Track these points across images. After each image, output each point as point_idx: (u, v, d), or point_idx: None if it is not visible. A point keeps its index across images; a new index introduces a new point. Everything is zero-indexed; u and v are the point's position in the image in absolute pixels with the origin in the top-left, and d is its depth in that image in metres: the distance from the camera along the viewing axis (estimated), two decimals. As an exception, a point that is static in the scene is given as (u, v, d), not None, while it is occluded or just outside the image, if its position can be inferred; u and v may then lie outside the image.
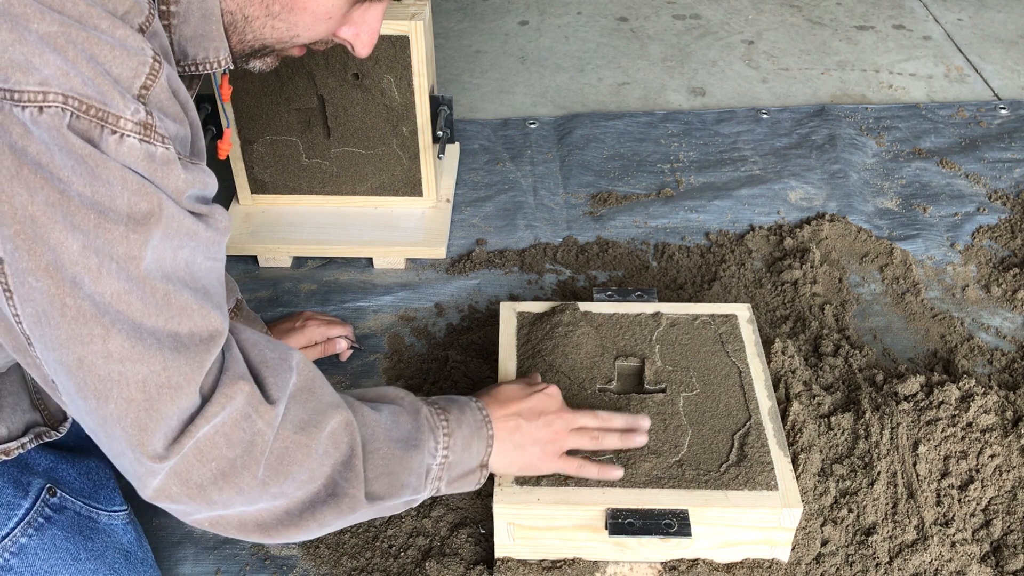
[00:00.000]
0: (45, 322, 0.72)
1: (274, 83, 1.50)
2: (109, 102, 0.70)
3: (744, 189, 1.80)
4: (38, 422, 1.03)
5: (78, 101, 0.68)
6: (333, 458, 0.87)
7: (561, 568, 1.11)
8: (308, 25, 0.85)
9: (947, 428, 1.25)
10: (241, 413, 0.80)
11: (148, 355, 0.74)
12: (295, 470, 0.84)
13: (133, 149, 0.71)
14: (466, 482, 1.03)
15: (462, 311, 1.54)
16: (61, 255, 0.70)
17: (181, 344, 0.76)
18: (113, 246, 0.71)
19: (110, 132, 0.70)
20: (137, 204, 0.72)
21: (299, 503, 0.86)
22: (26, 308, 0.72)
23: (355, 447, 0.89)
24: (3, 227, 0.68)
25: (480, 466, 1.03)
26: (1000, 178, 1.83)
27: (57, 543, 1.00)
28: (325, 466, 0.86)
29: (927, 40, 2.35)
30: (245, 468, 0.80)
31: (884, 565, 1.14)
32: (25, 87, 0.67)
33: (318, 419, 0.86)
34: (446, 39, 2.35)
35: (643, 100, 2.12)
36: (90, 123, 0.69)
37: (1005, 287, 1.57)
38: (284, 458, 0.83)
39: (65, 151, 0.68)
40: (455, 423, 1.00)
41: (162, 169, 0.73)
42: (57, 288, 0.70)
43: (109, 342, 0.72)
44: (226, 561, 1.17)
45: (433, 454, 0.97)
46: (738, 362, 1.23)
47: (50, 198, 0.68)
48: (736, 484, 1.08)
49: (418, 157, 1.58)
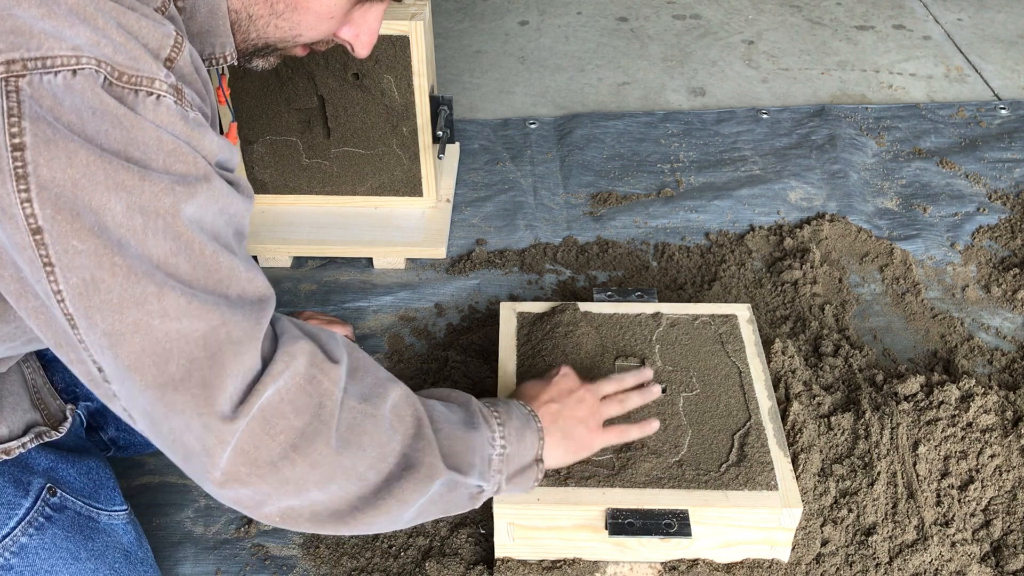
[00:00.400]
0: (93, 289, 0.69)
1: (274, 83, 1.50)
2: (142, 67, 0.70)
3: (744, 189, 1.80)
4: (38, 422, 1.03)
5: (110, 67, 0.68)
6: (400, 431, 0.85)
7: (561, 568, 1.11)
8: (310, 25, 0.86)
9: (947, 428, 1.25)
10: (305, 375, 0.77)
11: (205, 311, 0.71)
12: (366, 441, 0.81)
13: (170, 109, 0.71)
14: (524, 478, 1.00)
15: (462, 311, 1.54)
16: (104, 217, 0.67)
17: (234, 304, 0.74)
18: (158, 202, 0.69)
19: (146, 94, 0.69)
20: (174, 165, 0.71)
21: (374, 484, 0.83)
22: (70, 278, 0.68)
23: (421, 417, 0.87)
24: (43, 192, 0.66)
25: (536, 460, 1.01)
26: (1000, 178, 1.83)
27: (57, 543, 1.00)
28: (394, 441, 0.84)
29: (927, 40, 2.35)
30: (317, 435, 0.77)
31: (884, 565, 1.14)
32: (58, 52, 0.66)
33: (379, 391, 0.84)
34: (446, 39, 2.35)
35: (643, 100, 2.12)
36: (123, 89, 0.69)
37: (1005, 287, 1.57)
38: (353, 428, 0.81)
39: (100, 114, 0.67)
40: (505, 415, 0.98)
41: (197, 130, 0.73)
42: (104, 248, 0.68)
43: (164, 300, 0.70)
44: (226, 561, 1.17)
45: (492, 443, 0.95)
46: (738, 362, 1.23)
47: (89, 159, 0.67)
48: (736, 484, 1.08)
49: (418, 157, 1.58)
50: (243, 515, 1.22)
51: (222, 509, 1.23)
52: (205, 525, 1.21)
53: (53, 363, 1.12)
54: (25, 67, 0.66)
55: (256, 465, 0.76)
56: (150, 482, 1.27)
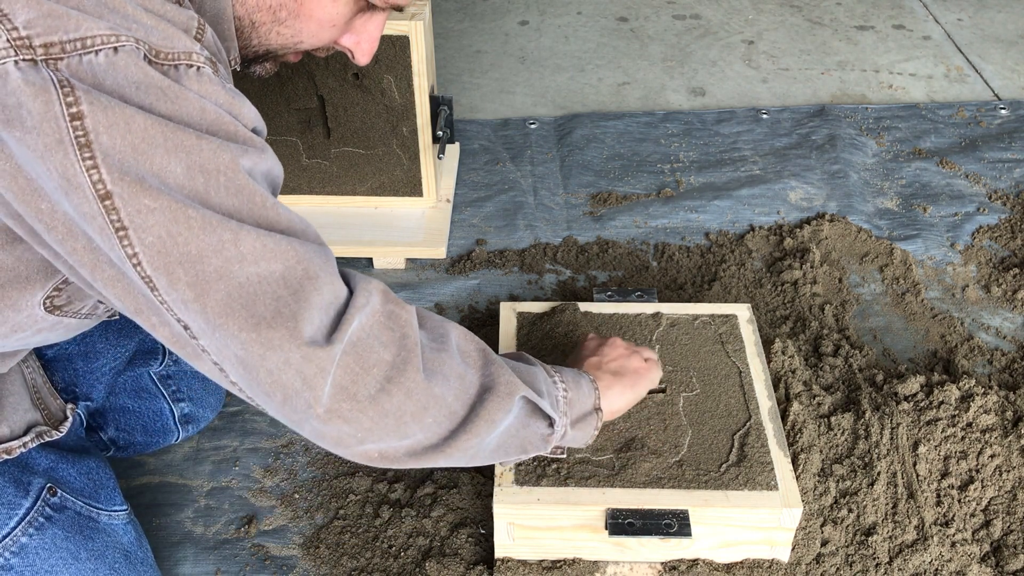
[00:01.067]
0: (172, 243, 0.70)
1: (274, 83, 1.50)
2: (177, 44, 0.72)
3: (744, 189, 1.80)
4: (39, 421, 1.04)
5: (148, 46, 0.70)
6: (471, 362, 0.89)
7: (561, 568, 1.11)
8: (312, 32, 0.87)
9: (947, 428, 1.25)
10: (383, 310, 0.81)
11: (280, 250, 0.74)
12: (447, 370, 0.86)
13: (211, 79, 0.73)
14: (586, 424, 1.02)
15: (462, 311, 1.54)
16: (168, 178, 0.70)
17: (301, 237, 0.77)
18: (217, 159, 0.71)
19: (186, 67, 0.72)
20: (221, 130, 0.73)
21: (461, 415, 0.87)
22: (145, 238, 0.70)
23: (484, 348, 0.91)
24: (107, 158, 0.67)
25: (595, 408, 1.03)
26: (1000, 178, 1.83)
27: (57, 543, 1.00)
28: (470, 372, 0.89)
29: (927, 40, 2.35)
30: (407, 364, 0.81)
31: (884, 565, 1.14)
32: (96, 32, 0.68)
33: (441, 332, 0.89)
34: (446, 39, 2.35)
35: (643, 100, 2.12)
36: (163, 66, 0.71)
37: (1005, 287, 1.57)
38: (434, 360, 0.85)
39: (145, 87, 0.69)
40: (559, 370, 1.02)
41: (237, 99, 0.75)
42: (176, 204, 0.70)
43: (241, 244, 0.72)
44: (226, 561, 1.17)
45: (555, 384, 0.99)
46: (738, 362, 1.23)
47: (147, 124, 0.68)
48: (736, 484, 1.08)
49: (418, 157, 1.58)
50: (244, 515, 1.22)
51: (222, 509, 1.23)
52: (205, 525, 1.21)
53: (53, 363, 1.12)
54: (63, 49, 0.67)
55: (356, 400, 0.79)
56: (150, 482, 1.27)
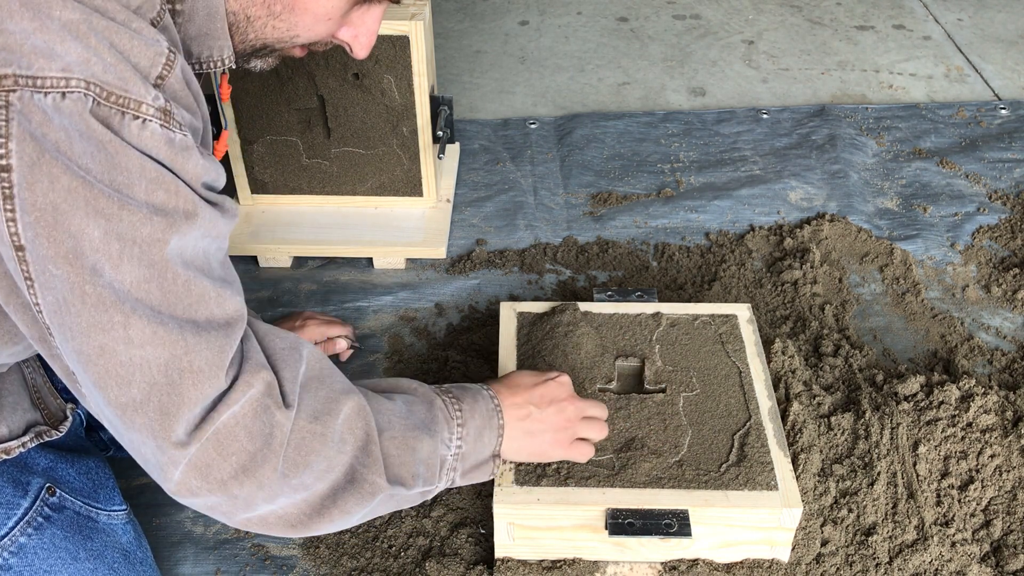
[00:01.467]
0: (65, 310, 0.72)
1: (274, 83, 1.50)
2: (131, 88, 0.71)
3: (744, 189, 1.80)
4: (38, 421, 1.03)
5: (99, 87, 0.69)
6: (350, 444, 0.88)
7: (561, 568, 1.11)
8: (308, 26, 0.86)
9: (947, 428, 1.25)
10: (260, 404, 0.80)
11: (170, 339, 0.74)
12: (313, 459, 0.84)
13: (155, 134, 0.72)
14: (479, 473, 1.03)
15: (462, 311, 1.54)
16: (82, 242, 0.70)
17: (201, 329, 0.76)
18: (136, 231, 0.72)
19: (132, 117, 0.71)
20: (155, 192, 0.72)
21: (320, 494, 0.86)
22: (46, 296, 0.72)
23: (371, 432, 0.90)
24: (24, 215, 0.69)
25: (492, 456, 1.04)
26: (1000, 178, 1.83)
27: (56, 542, 1.00)
28: (343, 453, 0.87)
29: (927, 40, 2.35)
30: (265, 461, 0.81)
31: (884, 565, 1.14)
32: (48, 73, 0.67)
33: (332, 407, 0.87)
34: (446, 39, 2.35)
35: (643, 100, 2.12)
36: (111, 110, 0.70)
37: (1005, 287, 1.57)
38: (302, 448, 0.84)
39: (86, 137, 0.69)
40: (468, 413, 1.01)
41: (182, 155, 0.74)
42: (77, 276, 0.71)
43: (130, 328, 0.73)
44: (226, 561, 1.17)
45: (448, 444, 0.98)
46: (738, 362, 1.23)
47: (71, 185, 0.69)
48: (736, 484, 1.08)
49: (418, 157, 1.58)
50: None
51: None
52: (205, 525, 1.21)
53: (52, 363, 1.12)
54: (16, 83, 0.67)
55: (207, 480, 0.79)
56: (150, 482, 1.25)
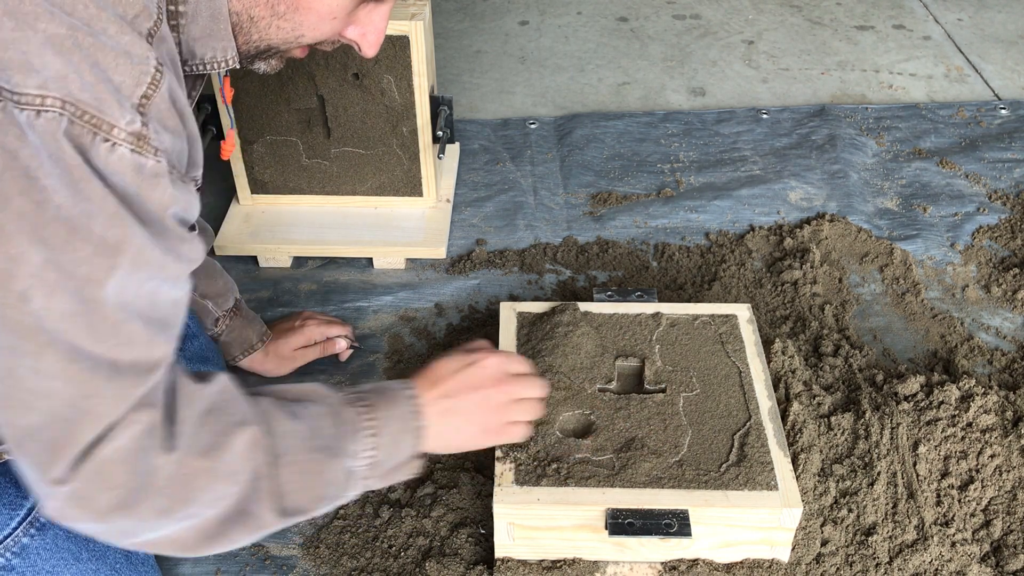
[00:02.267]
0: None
1: (274, 83, 1.50)
2: (105, 109, 0.69)
3: (744, 189, 1.80)
4: (38, 422, 1.03)
5: (74, 106, 0.68)
6: (240, 478, 0.83)
7: (561, 568, 1.11)
8: (313, 25, 0.85)
9: (947, 428, 1.25)
10: (140, 444, 0.77)
11: (80, 378, 0.73)
12: (199, 495, 0.81)
13: (123, 159, 0.71)
14: (400, 473, 0.97)
15: (462, 311, 1.54)
16: (19, 266, 0.69)
17: (118, 372, 0.74)
18: (77, 266, 0.70)
19: (102, 140, 0.70)
20: (109, 230, 0.71)
21: (212, 520, 0.83)
22: None
23: (262, 467, 0.85)
24: None
25: (412, 457, 0.97)
26: (1000, 178, 1.83)
27: (59, 543, 1.00)
28: (235, 485, 0.83)
29: (927, 40, 2.35)
30: (146, 498, 0.78)
31: (884, 565, 1.14)
32: (25, 89, 0.67)
33: (224, 440, 0.82)
34: (446, 39, 2.35)
35: (643, 100, 2.12)
36: (83, 129, 0.69)
37: (1005, 287, 1.57)
38: (188, 484, 0.80)
39: (55, 160, 0.68)
40: (383, 421, 0.94)
41: (149, 182, 0.73)
42: (3, 296, 0.69)
43: (42, 359, 0.71)
44: (226, 561, 1.17)
45: (356, 457, 0.92)
46: (738, 362, 1.23)
47: (24, 208, 0.68)
48: (736, 484, 1.08)
49: (418, 157, 1.58)
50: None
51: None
52: (205, 525, 1.21)
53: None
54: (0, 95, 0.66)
55: (85, 510, 0.77)
56: (150, 482, 1.27)
